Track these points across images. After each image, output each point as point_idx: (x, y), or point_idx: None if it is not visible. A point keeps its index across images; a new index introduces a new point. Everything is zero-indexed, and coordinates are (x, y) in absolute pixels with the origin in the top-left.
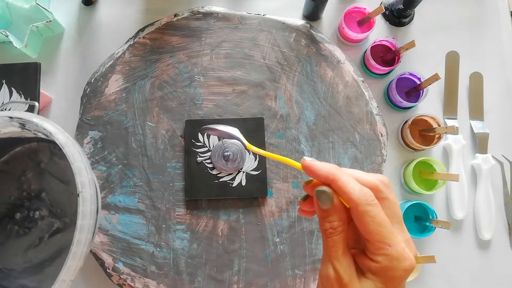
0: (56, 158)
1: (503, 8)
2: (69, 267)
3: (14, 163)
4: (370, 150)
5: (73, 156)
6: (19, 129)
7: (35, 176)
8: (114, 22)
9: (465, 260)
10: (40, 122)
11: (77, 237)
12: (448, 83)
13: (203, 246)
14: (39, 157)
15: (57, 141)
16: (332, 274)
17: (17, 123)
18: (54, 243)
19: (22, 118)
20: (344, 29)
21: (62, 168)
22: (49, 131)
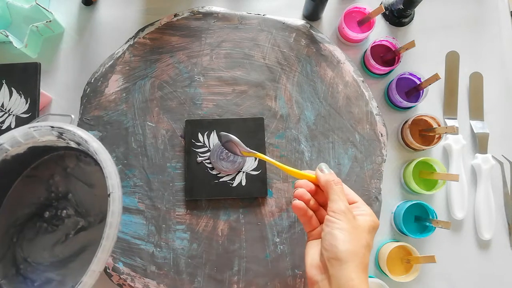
0: (82, 164)
1: (503, 8)
2: (99, 259)
3: (43, 168)
4: (370, 150)
5: (105, 162)
6: (55, 138)
7: (62, 179)
8: (114, 22)
9: (465, 260)
10: (77, 131)
11: (107, 232)
12: (448, 83)
13: (203, 246)
14: (65, 163)
15: (91, 148)
16: (345, 208)
17: (56, 132)
18: (79, 241)
19: (61, 127)
20: (344, 29)
21: (87, 173)
22: (84, 139)
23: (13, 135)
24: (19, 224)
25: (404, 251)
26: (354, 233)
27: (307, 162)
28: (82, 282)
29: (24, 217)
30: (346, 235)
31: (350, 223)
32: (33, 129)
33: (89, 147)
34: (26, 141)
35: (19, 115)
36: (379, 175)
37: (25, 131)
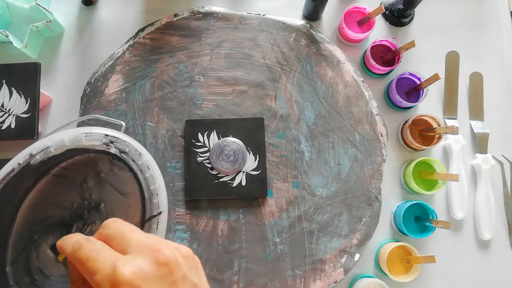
0: (116, 169)
1: (503, 8)
2: None
3: (74, 169)
4: (370, 150)
5: (156, 179)
6: (100, 143)
7: (96, 185)
8: (114, 22)
9: (465, 260)
10: (132, 143)
11: None
12: (448, 83)
13: (203, 246)
14: (98, 166)
15: (145, 161)
16: None
17: (108, 140)
18: None
19: (116, 137)
20: (344, 29)
21: (121, 180)
22: (139, 152)
23: (62, 139)
24: (47, 224)
25: (404, 251)
26: None
27: (307, 162)
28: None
29: (55, 219)
30: None
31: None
32: (85, 135)
33: (141, 160)
34: (70, 144)
35: (19, 115)
36: (379, 175)
37: (76, 135)
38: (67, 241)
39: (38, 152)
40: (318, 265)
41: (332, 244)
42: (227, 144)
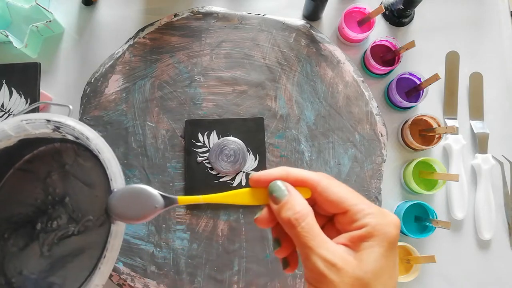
0: (81, 160)
1: (503, 8)
2: (102, 272)
3: (38, 163)
4: (370, 150)
5: (109, 162)
6: (51, 131)
7: (60, 178)
8: (114, 22)
9: (465, 260)
10: (77, 126)
11: (111, 243)
12: (448, 83)
13: (203, 246)
14: (63, 158)
15: (94, 146)
16: (322, 265)
17: (53, 126)
18: (73, 243)
19: (59, 121)
20: (344, 29)
21: (87, 170)
22: (86, 135)
23: (2, 129)
24: (14, 222)
25: (404, 251)
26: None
27: (307, 162)
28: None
29: (20, 217)
30: None
31: (340, 287)
32: (26, 122)
33: (90, 144)
34: (17, 134)
35: None
36: (379, 175)
37: (17, 124)
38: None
39: None
40: None
41: None
42: (227, 143)
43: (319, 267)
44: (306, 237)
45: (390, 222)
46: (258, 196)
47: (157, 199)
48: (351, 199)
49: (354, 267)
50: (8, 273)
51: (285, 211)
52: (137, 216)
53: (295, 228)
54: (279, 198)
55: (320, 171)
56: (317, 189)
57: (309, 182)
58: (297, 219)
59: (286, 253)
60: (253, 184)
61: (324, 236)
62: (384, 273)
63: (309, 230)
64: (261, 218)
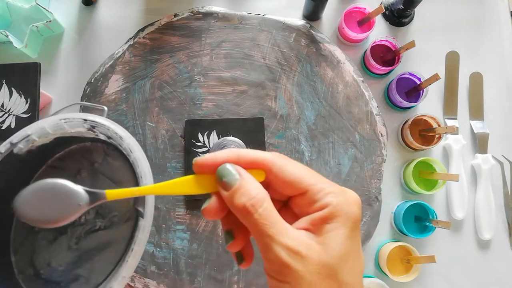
0: (110, 159)
1: (503, 8)
2: (129, 264)
3: (69, 161)
4: (370, 150)
5: (139, 161)
6: (86, 130)
7: (89, 176)
8: (114, 22)
9: (465, 260)
10: (111, 126)
11: (139, 237)
12: (448, 83)
13: (203, 246)
14: (93, 157)
15: (127, 145)
16: (284, 255)
17: (88, 125)
18: (99, 237)
19: (95, 121)
20: (344, 29)
21: (115, 169)
22: (119, 135)
23: (42, 127)
24: None
25: (404, 251)
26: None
27: (307, 162)
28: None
29: None
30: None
31: (302, 279)
32: (64, 120)
33: (122, 143)
34: (54, 132)
35: (19, 115)
36: (379, 175)
37: (56, 122)
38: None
39: (19, 141)
40: None
41: None
42: (226, 143)
43: (281, 257)
44: (265, 225)
45: (352, 201)
46: (204, 184)
47: (80, 195)
48: (309, 179)
49: (319, 252)
50: (37, 265)
51: (238, 197)
52: (56, 217)
53: (251, 215)
54: (230, 183)
55: (320, 171)
56: (272, 170)
57: (262, 163)
58: (253, 205)
59: (240, 246)
60: (197, 170)
61: (284, 222)
62: (350, 256)
63: (267, 217)
64: (209, 208)
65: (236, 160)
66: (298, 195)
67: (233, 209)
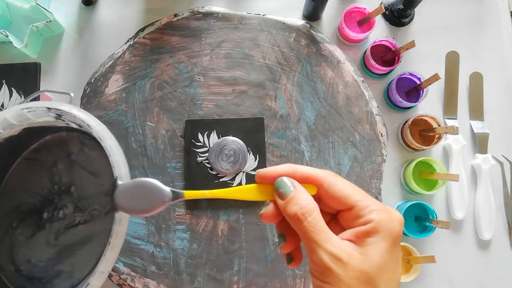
0: (86, 149)
1: (503, 8)
2: (108, 258)
3: (45, 152)
4: (370, 150)
5: (111, 149)
6: (53, 119)
7: (66, 168)
8: (114, 22)
9: (465, 260)
10: (78, 113)
11: (115, 230)
12: (448, 83)
13: (203, 246)
14: (69, 147)
15: (96, 133)
16: (327, 259)
17: (54, 114)
18: (81, 231)
19: (59, 109)
20: (344, 29)
21: (92, 159)
22: (86, 122)
23: (4, 117)
24: (22, 211)
25: (404, 251)
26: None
27: (307, 162)
28: (90, 284)
29: (27, 207)
30: None
31: (341, 282)
32: (27, 110)
33: (92, 131)
34: (19, 123)
35: None
36: (379, 175)
37: (18, 112)
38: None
39: None
40: None
41: None
42: (226, 143)
43: (325, 260)
44: (312, 232)
45: (394, 219)
46: (263, 192)
47: (165, 192)
48: (356, 196)
49: (360, 261)
50: (17, 261)
51: (291, 206)
52: (145, 209)
53: (301, 222)
54: (285, 193)
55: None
56: (323, 186)
57: (315, 179)
58: (304, 214)
59: (290, 248)
60: (259, 180)
61: (329, 231)
62: (388, 268)
63: (315, 225)
64: (267, 213)
65: (292, 174)
66: (346, 209)
67: (286, 216)
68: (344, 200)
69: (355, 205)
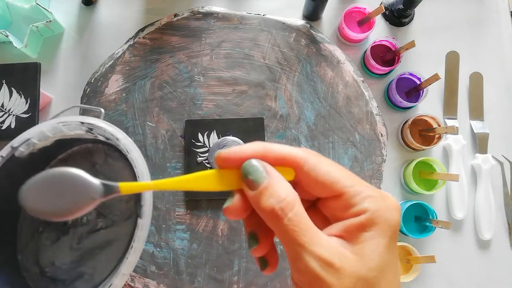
0: (110, 160)
1: (503, 8)
2: (130, 262)
3: (71, 162)
4: (370, 150)
5: (136, 161)
6: (84, 132)
7: None
8: (114, 22)
9: (465, 260)
10: (108, 128)
11: (138, 235)
12: (448, 83)
13: (203, 246)
14: (94, 158)
15: (123, 146)
16: (316, 265)
17: (86, 128)
18: (101, 236)
19: (92, 123)
20: (344, 29)
21: (116, 169)
22: (116, 136)
23: (41, 130)
24: None
25: (404, 251)
26: None
27: None
28: (113, 285)
29: None
30: None
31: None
32: (62, 124)
33: (119, 144)
34: (54, 135)
35: (19, 115)
36: (379, 175)
37: (54, 125)
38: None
39: (20, 144)
40: None
41: None
42: (226, 143)
43: (313, 268)
44: (295, 232)
45: (392, 207)
46: (227, 180)
47: (95, 187)
48: (345, 180)
49: (355, 264)
50: (42, 264)
51: (265, 199)
52: (67, 210)
53: (280, 220)
54: (257, 182)
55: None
56: (303, 169)
57: (293, 160)
58: (283, 209)
59: (265, 250)
60: (220, 164)
61: (316, 229)
62: (389, 270)
63: (298, 223)
64: (232, 207)
65: (262, 155)
66: (331, 197)
67: (259, 211)
68: (330, 185)
69: (344, 191)
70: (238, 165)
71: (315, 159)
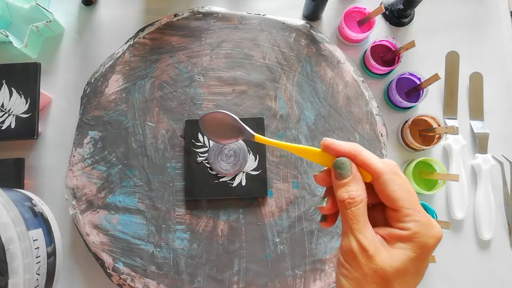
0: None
1: (503, 8)
2: None
3: None
4: (370, 150)
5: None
6: None
7: None
8: (114, 22)
9: (465, 260)
10: None
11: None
12: (448, 83)
13: (203, 246)
14: None
15: None
16: (355, 247)
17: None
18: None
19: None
20: (344, 29)
21: None
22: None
23: None
24: None
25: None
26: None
27: (307, 162)
28: None
29: None
30: (353, 286)
31: (360, 269)
32: None
33: None
34: None
35: (19, 115)
36: None
37: None
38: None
39: None
40: (318, 265)
41: (332, 244)
42: None
43: (352, 247)
44: (351, 220)
45: (431, 235)
46: (324, 159)
47: (241, 130)
48: (405, 202)
49: (383, 258)
50: None
51: (342, 191)
52: (221, 137)
53: (345, 208)
54: (342, 176)
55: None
56: (379, 180)
57: (374, 170)
58: (350, 203)
59: (329, 212)
60: (323, 148)
61: (367, 224)
62: (407, 274)
63: (355, 215)
64: (320, 176)
65: (354, 156)
66: (391, 208)
67: (335, 194)
68: (392, 201)
69: (401, 210)
70: (334, 154)
71: (390, 176)
